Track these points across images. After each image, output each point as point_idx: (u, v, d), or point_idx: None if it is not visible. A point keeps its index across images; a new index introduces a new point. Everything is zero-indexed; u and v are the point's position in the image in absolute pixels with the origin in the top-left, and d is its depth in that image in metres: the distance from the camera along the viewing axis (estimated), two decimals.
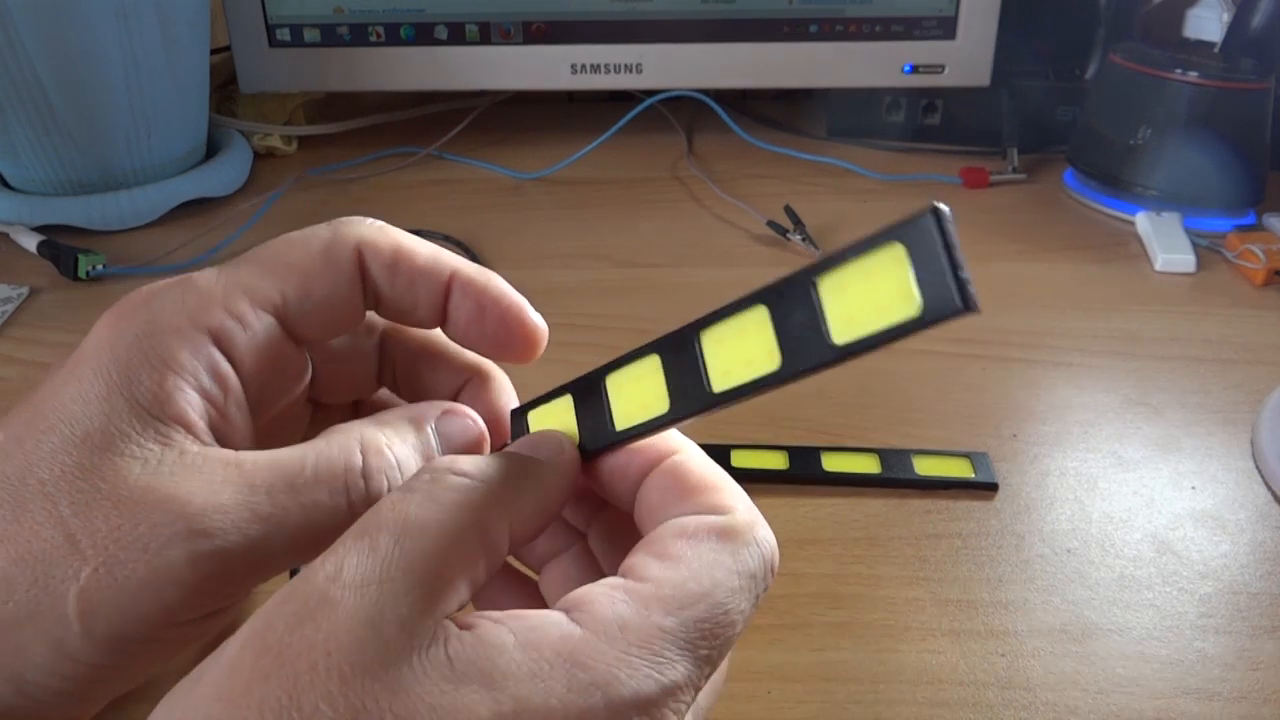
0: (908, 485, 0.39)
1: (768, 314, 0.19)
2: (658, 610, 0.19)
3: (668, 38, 0.69)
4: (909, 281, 0.17)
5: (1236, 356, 0.48)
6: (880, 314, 0.17)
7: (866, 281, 0.17)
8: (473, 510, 0.20)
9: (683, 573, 0.20)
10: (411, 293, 0.25)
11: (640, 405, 0.22)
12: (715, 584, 0.20)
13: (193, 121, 0.66)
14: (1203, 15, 0.69)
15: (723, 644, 0.20)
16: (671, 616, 0.19)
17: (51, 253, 0.56)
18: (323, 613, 0.17)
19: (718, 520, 0.21)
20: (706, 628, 0.19)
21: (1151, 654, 0.32)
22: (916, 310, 0.17)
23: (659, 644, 0.19)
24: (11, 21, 0.55)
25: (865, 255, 0.17)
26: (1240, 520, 0.37)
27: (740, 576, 0.20)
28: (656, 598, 0.19)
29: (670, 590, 0.19)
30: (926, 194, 0.67)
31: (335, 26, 0.69)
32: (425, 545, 0.19)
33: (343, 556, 0.18)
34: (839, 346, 0.18)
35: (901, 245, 0.17)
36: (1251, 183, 0.61)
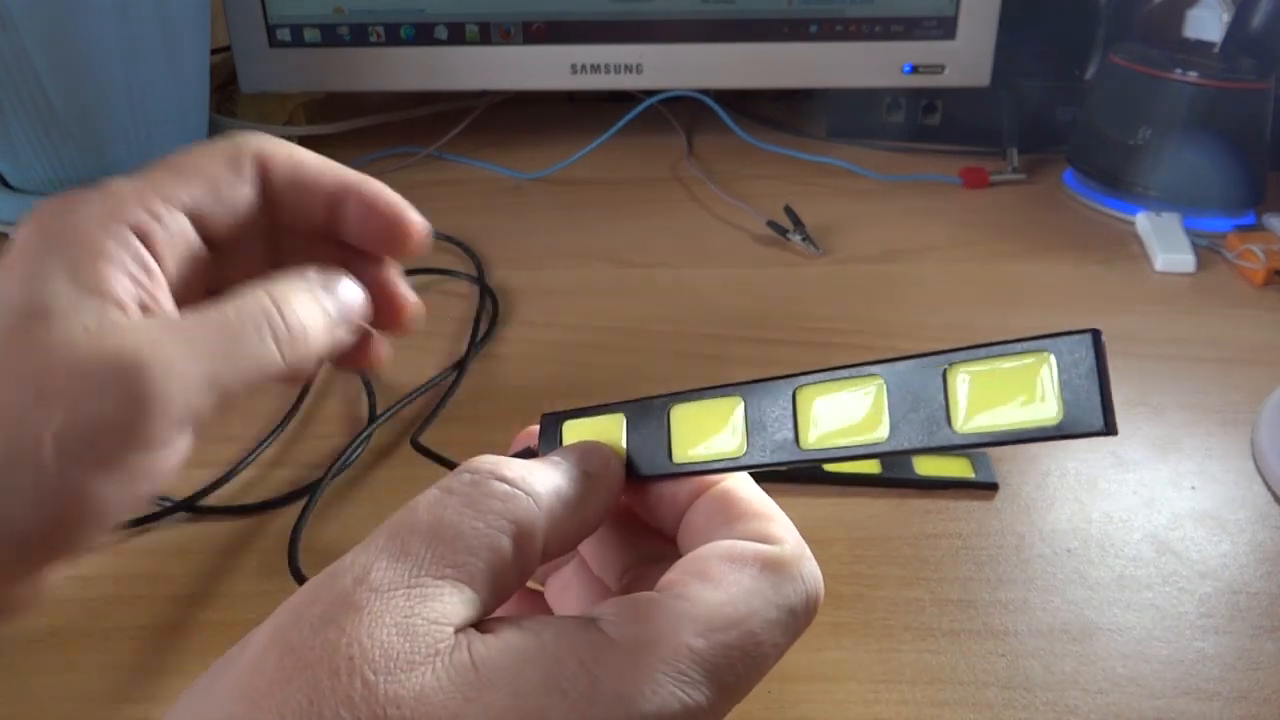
0: (908, 485, 0.39)
1: (883, 388, 0.19)
2: (689, 630, 0.19)
3: (668, 38, 0.69)
4: (1052, 391, 0.17)
5: (1236, 356, 0.48)
6: (1010, 414, 0.18)
7: (1003, 380, 0.18)
8: (513, 522, 0.20)
9: (720, 595, 0.19)
10: (307, 198, 0.27)
11: (707, 443, 0.22)
12: (752, 612, 0.19)
13: (193, 121, 0.66)
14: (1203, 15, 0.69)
15: (750, 675, 0.19)
16: (702, 638, 0.19)
17: None
18: (348, 617, 0.17)
19: (764, 550, 0.21)
20: (735, 655, 0.19)
21: (1151, 654, 0.32)
22: (1055, 420, 0.17)
23: (686, 663, 0.18)
24: (11, 21, 0.55)
25: (1008, 356, 0.18)
26: (1240, 520, 0.37)
27: (780, 610, 0.20)
28: (690, 616, 0.19)
29: (704, 611, 0.19)
30: (926, 194, 0.67)
31: (335, 26, 0.69)
32: (458, 555, 0.19)
33: (372, 558, 0.18)
34: (959, 434, 0.18)
35: (1052, 356, 0.17)
36: (1251, 183, 0.61)
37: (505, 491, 0.20)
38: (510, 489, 0.20)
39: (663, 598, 0.19)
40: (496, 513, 0.19)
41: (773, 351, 0.49)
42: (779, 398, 0.21)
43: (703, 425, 0.22)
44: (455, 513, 0.19)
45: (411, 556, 0.18)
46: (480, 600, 0.19)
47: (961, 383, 0.18)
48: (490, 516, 0.19)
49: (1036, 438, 0.17)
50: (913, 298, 0.54)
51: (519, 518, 0.20)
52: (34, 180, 0.62)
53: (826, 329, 0.50)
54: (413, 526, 0.19)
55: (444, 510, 0.19)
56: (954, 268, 0.57)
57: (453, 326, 0.51)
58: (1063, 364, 0.17)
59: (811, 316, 0.52)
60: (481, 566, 0.19)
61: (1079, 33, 0.73)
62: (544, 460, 0.22)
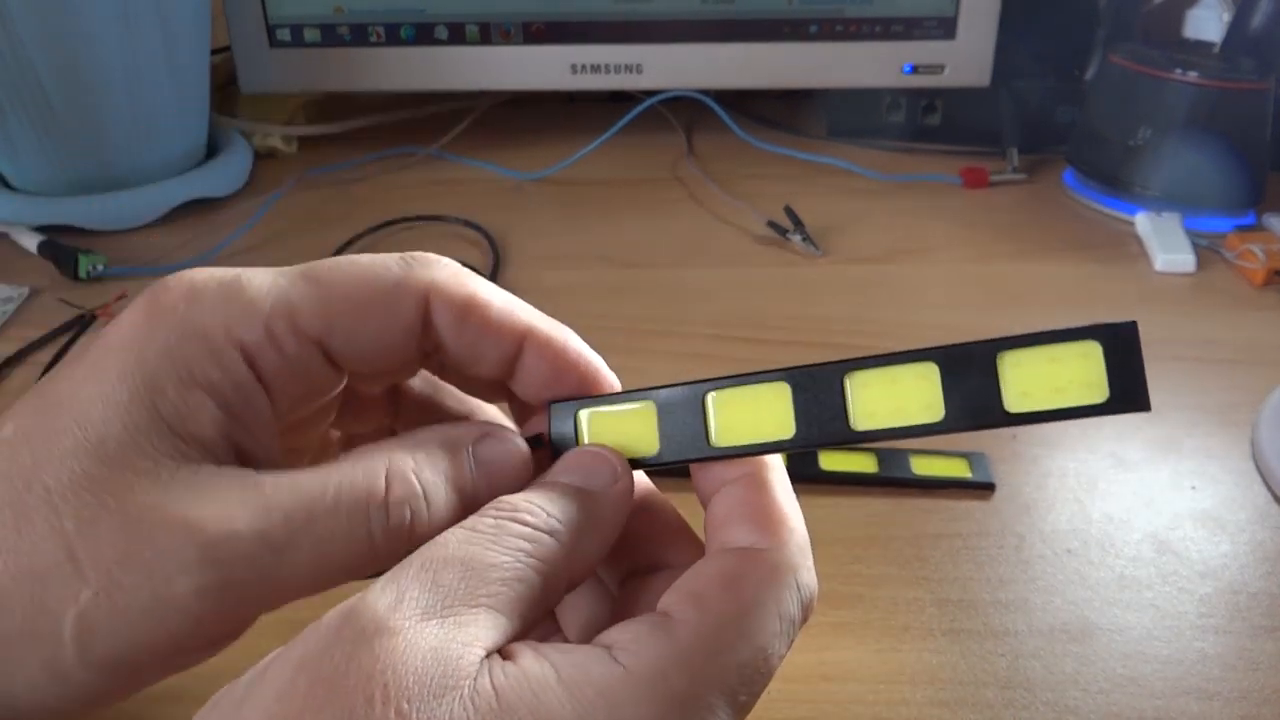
0: (904, 484, 0.39)
1: (937, 371, 0.20)
2: (700, 654, 0.19)
3: (668, 38, 0.69)
4: (1101, 374, 0.19)
5: (1236, 356, 0.48)
6: (1060, 395, 0.19)
7: (1051, 366, 0.20)
8: (540, 560, 0.20)
9: (723, 615, 0.19)
10: (479, 347, 0.23)
11: (752, 427, 0.22)
12: (759, 627, 0.20)
13: (193, 121, 0.66)
14: (1203, 15, 0.69)
15: (759, 689, 0.19)
16: (713, 662, 0.19)
17: (52, 253, 0.56)
18: (382, 643, 0.17)
19: (764, 558, 0.21)
20: (747, 673, 0.19)
21: (1151, 654, 0.32)
22: (1103, 398, 0.19)
23: (704, 688, 0.18)
24: (11, 21, 0.55)
25: (1056, 344, 0.20)
26: (1240, 520, 0.37)
27: (781, 620, 0.20)
28: (698, 641, 0.19)
29: (711, 633, 0.19)
30: (926, 194, 0.67)
31: (335, 27, 0.69)
32: (491, 585, 0.19)
33: (404, 588, 0.18)
34: (1010, 414, 0.20)
35: (1099, 344, 0.19)
36: (1251, 183, 0.61)
37: (530, 534, 0.20)
38: (534, 531, 0.20)
39: (672, 624, 0.19)
40: (521, 551, 0.20)
41: (773, 352, 0.49)
42: (829, 382, 0.21)
43: (746, 411, 0.22)
44: (483, 549, 0.19)
45: (445, 586, 0.18)
46: (510, 628, 0.19)
47: (1012, 367, 0.20)
48: (516, 554, 0.20)
49: (1084, 414, 0.19)
50: (913, 298, 0.54)
51: (545, 557, 0.20)
52: (34, 180, 0.62)
53: (826, 329, 0.51)
54: (445, 559, 0.19)
55: (472, 546, 0.19)
56: (954, 268, 0.57)
57: None
58: (1110, 352, 0.19)
59: (811, 317, 0.52)
60: (512, 596, 0.19)
61: (1079, 33, 0.73)
62: (556, 488, 0.22)
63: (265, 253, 0.59)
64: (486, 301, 0.23)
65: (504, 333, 0.23)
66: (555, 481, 0.22)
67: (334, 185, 0.69)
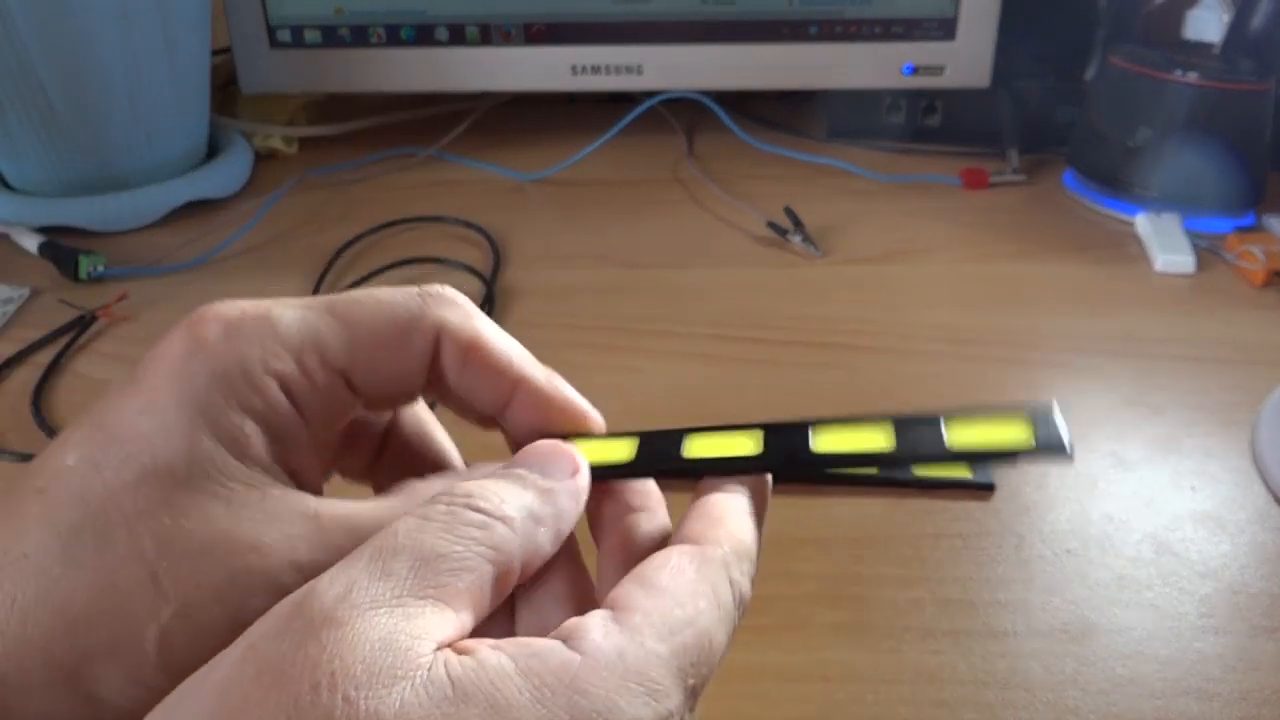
0: (904, 485, 0.39)
1: (892, 428, 0.23)
2: (651, 637, 0.19)
3: (668, 39, 0.69)
4: (1029, 433, 0.22)
5: (1236, 357, 0.48)
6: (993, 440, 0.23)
7: (987, 428, 0.23)
8: (492, 548, 0.20)
9: (669, 601, 0.20)
10: (476, 386, 0.25)
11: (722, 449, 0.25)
12: (700, 611, 0.20)
13: (194, 122, 0.66)
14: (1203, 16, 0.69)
15: (707, 673, 0.20)
16: (664, 643, 0.19)
17: (53, 254, 0.57)
18: (329, 632, 0.17)
19: (697, 551, 0.21)
20: (694, 655, 0.19)
21: (1151, 654, 0.32)
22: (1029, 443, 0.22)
23: (656, 671, 0.19)
24: (12, 21, 0.55)
25: (993, 416, 0.23)
26: (1240, 521, 0.37)
27: (720, 607, 0.20)
28: (648, 625, 0.19)
29: (659, 618, 0.19)
30: (926, 194, 0.67)
31: (336, 28, 0.69)
32: (441, 577, 0.19)
33: (353, 578, 0.18)
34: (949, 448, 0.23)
35: (1029, 418, 0.23)
36: (1251, 184, 0.61)
37: (480, 520, 0.20)
38: (484, 518, 0.20)
39: (622, 613, 0.20)
40: (473, 539, 0.20)
41: (773, 352, 0.49)
42: (797, 431, 0.24)
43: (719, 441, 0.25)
44: (435, 537, 0.19)
45: (395, 576, 0.18)
46: (460, 621, 0.19)
47: (951, 428, 0.23)
48: (468, 543, 0.19)
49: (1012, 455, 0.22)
50: (913, 298, 0.54)
51: (497, 544, 0.20)
52: (35, 181, 0.62)
53: (826, 329, 0.51)
54: (395, 549, 0.19)
55: (424, 535, 0.19)
56: (954, 268, 0.57)
57: None
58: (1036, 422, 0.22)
59: (811, 317, 0.52)
60: (462, 588, 0.19)
61: (1079, 34, 0.73)
62: (512, 477, 0.22)
63: (265, 253, 0.59)
64: (488, 345, 0.25)
65: (499, 376, 0.25)
66: (512, 471, 0.22)
67: (334, 186, 0.69)
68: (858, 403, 0.45)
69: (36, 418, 0.44)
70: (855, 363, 0.48)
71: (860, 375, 0.47)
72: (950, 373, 0.47)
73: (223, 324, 0.23)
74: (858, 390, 0.45)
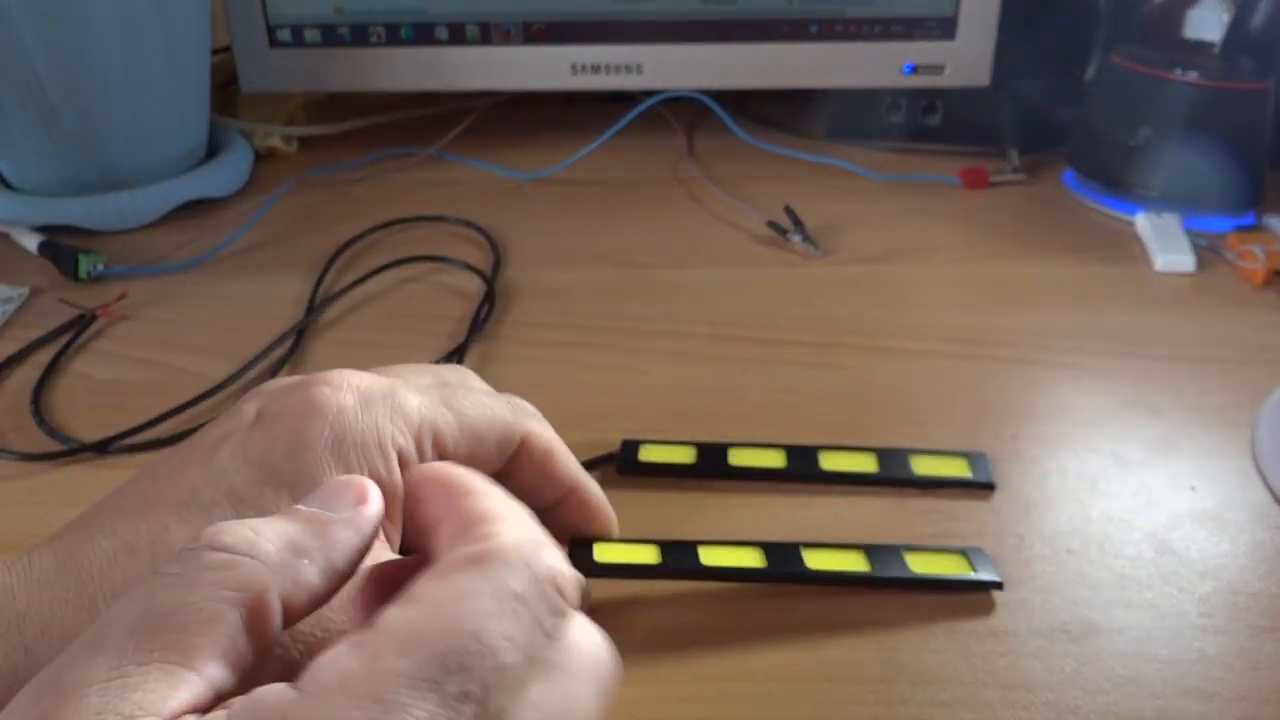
0: (904, 484, 0.39)
1: (864, 556, 0.34)
2: (389, 654, 0.17)
3: (668, 38, 0.69)
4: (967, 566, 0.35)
5: (1236, 357, 0.48)
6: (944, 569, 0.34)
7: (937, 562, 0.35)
8: (236, 590, 0.18)
9: (422, 611, 0.18)
10: (539, 485, 0.30)
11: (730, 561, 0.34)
12: (461, 613, 0.18)
13: (193, 122, 0.66)
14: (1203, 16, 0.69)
15: (485, 676, 0.18)
16: (405, 658, 0.17)
17: (52, 253, 0.57)
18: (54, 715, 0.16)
19: (472, 549, 0.20)
20: (453, 660, 0.17)
21: (1151, 654, 0.32)
22: (969, 572, 0.34)
23: (390, 689, 0.17)
24: (12, 21, 0.55)
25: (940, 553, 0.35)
26: (1240, 520, 0.37)
27: (497, 599, 0.18)
28: (389, 643, 0.18)
29: (405, 630, 0.18)
30: (926, 194, 0.67)
31: (336, 27, 0.69)
32: (169, 635, 0.17)
33: (71, 655, 0.17)
34: (915, 575, 0.34)
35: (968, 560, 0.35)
36: (1251, 183, 0.61)
37: (223, 560, 0.19)
38: (228, 556, 0.19)
39: (363, 635, 0.18)
40: (213, 583, 0.18)
41: (772, 352, 0.49)
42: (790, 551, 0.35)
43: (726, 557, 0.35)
44: (166, 592, 0.18)
45: (111, 648, 0.17)
46: (207, 678, 0.17)
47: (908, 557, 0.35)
48: (206, 589, 0.18)
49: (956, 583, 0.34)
50: (913, 298, 0.54)
51: (243, 584, 0.18)
52: (34, 180, 0.62)
53: (827, 329, 0.51)
54: (116, 616, 0.18)
55: (155, 592, 0.18)
56: (954, 268, 0.57)
57: (449, 325, 0.51)
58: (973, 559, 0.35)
59: (811, 317, 0.52)
60: (202, 643, 0.17)
61: (1079, 33, 0.73)
62: (284, 513, 0.21)
63: (265, 252, 0.59)
64: (559, 456, 0.31)
65: (560, 481, 0.31)
66: (291, 509, 0.21)
67: (334, 185, 0.69)
68: (858, 402, 0.44)
69: (36, 417, 0.44)
70: (855, 362, 0.48)
71: (860, 375, 0.47)
72: (950, 372, 0.47)
73: (358, 393, 0.26)
74: (858, 390, 0.45)
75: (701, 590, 0.34)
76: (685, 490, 0.39)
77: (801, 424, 0.43)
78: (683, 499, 0.39)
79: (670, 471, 0.40)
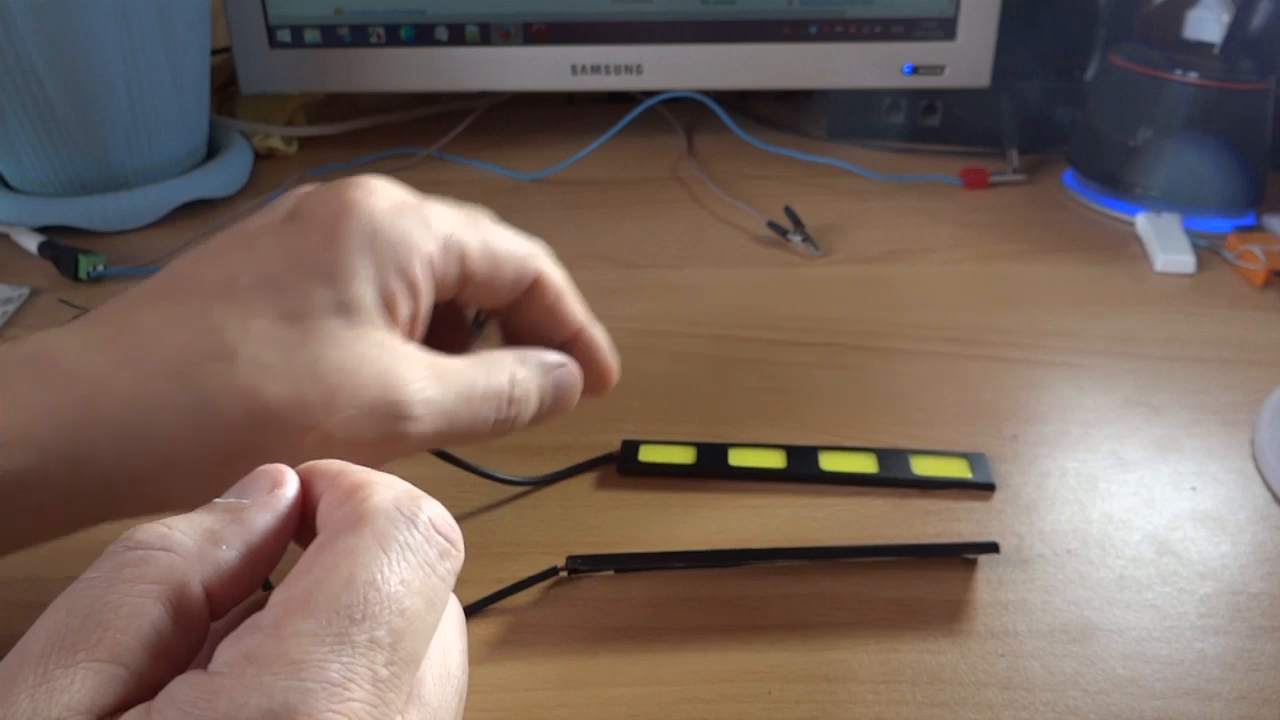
0: (904, 484, 0.39)
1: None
2: (291, 620, 0.17)
3: (668, 39, 0.69)
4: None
5: (1236, 357, 0.48)
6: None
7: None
8: (155, 583, 0.18)
9: (314, 575, 0.18)
10: (548, 323, 0.33)
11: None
12: (354, 567, 0.18)
13: (193, 122, 0.66)
14: (1203, 16, 0.69)
15: (392, 621, 0.18)
16: (308, 619, 0.17)
17: (52, 253, 0.57)
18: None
19: (349, 511, 0.20)
20: (358, 610, 0.18)
21: (1151, 654, 0.32)
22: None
23: (297, 652, 0.17)
24: (12, 21, 0.55)
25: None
26: (1240, 521, 0.37)
27: (384, 550, 0.19)
28: (288, 611, 0.18)
29: (302, 595, 0.18)
30: (926, 194, 0.67)
31: (336, 27, 0.69)
32: (90, 634, 0.17)
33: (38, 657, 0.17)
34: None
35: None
36: (1251, 183, 0.61)
37: (137, 556, 0.19)
38: (143, 552, 0.19)
39: (259, 615, 0.18)
40: (131, 579, 0.18)
41: (773, 352, 0.49)
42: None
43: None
44: (83, 594, 0.18)
45: (34, 655, 0.17)
46: (136, 672, 0.18)
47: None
48: (124, 586, 0.18)
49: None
50: (913, 298, 0.54)
51: (161, 577, 0.19)
52: (34, 180, 0.62)
53: (827, 329, 0.50)
54: (39, 626, 0.18)
55: (75, 596, 0.18)
56: (954, 268, 0.57)
57: None
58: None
59: (811, 317, 0.52)
60: (126, 639, 0.18)
61: (1079, 33, 0.73)
62: (200, 510, 0.21)
63: None
64: (568, 296, 0.33)
65: (568, 321, 0.33)
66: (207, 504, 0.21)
67: None
68: (858, 402, 0.44)
69: None
70: (855, 362, 0.48)
71: (860, 375, 0.46)
72: (950, 372, 0.47)
73: (390, 200, 0.28)
74: (858, 390, 0.45)
75: (702, 588, 0.34)
76: (685, 490, 0.39)
77: (801, 424, 0.43)
78: (683, 499, 0.39)
79: (670, 472, 0.40)
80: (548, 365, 0.32)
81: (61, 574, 0.34)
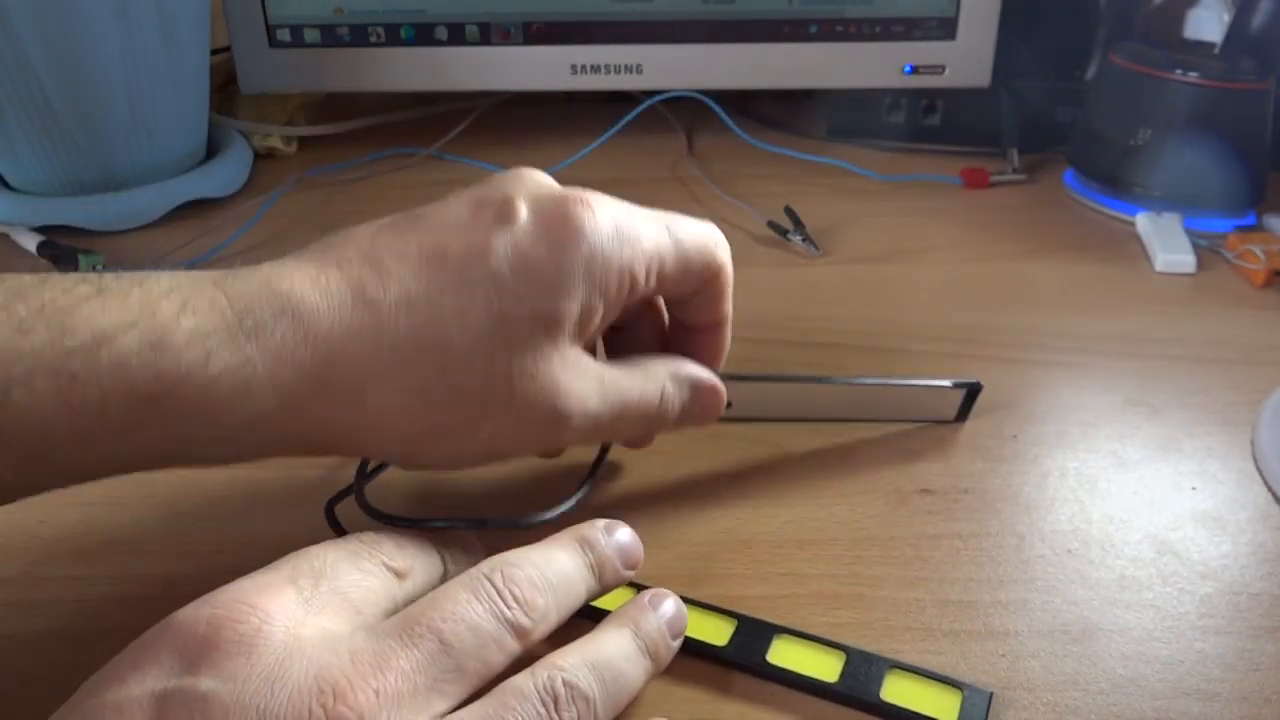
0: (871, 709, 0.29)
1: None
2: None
3: (668, 38, 0.69)
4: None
5: (1236, 356, 0.48)
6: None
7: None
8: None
9: None
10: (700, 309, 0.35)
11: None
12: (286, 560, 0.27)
13: (193, 122, 0.66)
14: (1203, 16, 0.69)
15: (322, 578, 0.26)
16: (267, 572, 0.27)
17: (52, 253, 0.57)
18: None
19: None
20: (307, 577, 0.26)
21: (1151, 654, 0.32)
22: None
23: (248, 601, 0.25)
24: (11, 21, 0.55)
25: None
26: (1240, 521, 0.37)
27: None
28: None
29: None
30: (926, 194, 0.67)
31: (335, 27, 0.69)
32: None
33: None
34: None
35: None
36: (1252, 183, 0.61)
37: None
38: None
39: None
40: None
41: (773, 352, 0.49)
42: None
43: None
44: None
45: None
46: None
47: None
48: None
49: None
50: (913, 298, 0.54)
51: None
52: (34, 180, 0.62)
53: (827, 329, 0.50)
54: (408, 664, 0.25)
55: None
56: (954, 268, 0.57)
57: None
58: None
59: (812, 317, 0.52)
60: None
61: (1079, 33, 0.73)
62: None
63: (264, 252, 0.59)
64: (729, 294, 0.35)
65: (718, 316, 0.35)
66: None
67: (334, 185, 0.69)
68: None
69: None
70: (855, 363, 0.48)
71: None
72: (950, 372, 0.47)
73: (611, 222, 0.30)
74: None
75: None
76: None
77: (802, 424, 0.43)
78: None
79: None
80: (698, 386, 0.34)
81: (62, 574, 0.34)
